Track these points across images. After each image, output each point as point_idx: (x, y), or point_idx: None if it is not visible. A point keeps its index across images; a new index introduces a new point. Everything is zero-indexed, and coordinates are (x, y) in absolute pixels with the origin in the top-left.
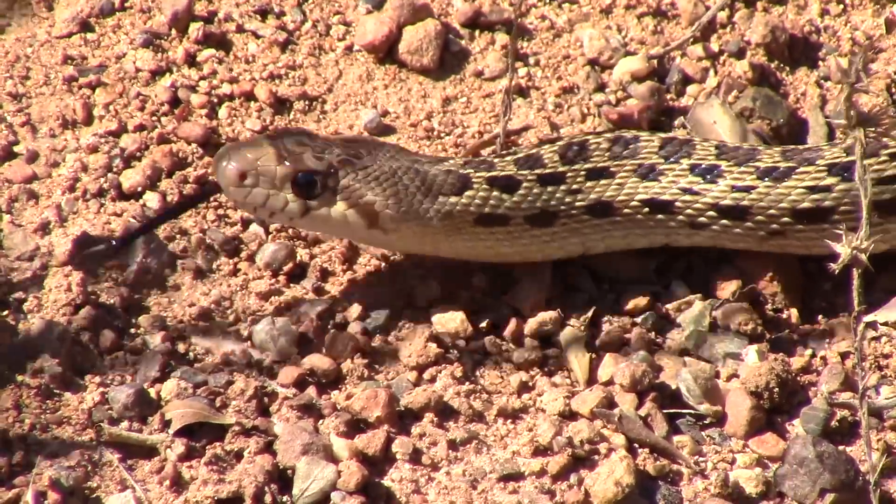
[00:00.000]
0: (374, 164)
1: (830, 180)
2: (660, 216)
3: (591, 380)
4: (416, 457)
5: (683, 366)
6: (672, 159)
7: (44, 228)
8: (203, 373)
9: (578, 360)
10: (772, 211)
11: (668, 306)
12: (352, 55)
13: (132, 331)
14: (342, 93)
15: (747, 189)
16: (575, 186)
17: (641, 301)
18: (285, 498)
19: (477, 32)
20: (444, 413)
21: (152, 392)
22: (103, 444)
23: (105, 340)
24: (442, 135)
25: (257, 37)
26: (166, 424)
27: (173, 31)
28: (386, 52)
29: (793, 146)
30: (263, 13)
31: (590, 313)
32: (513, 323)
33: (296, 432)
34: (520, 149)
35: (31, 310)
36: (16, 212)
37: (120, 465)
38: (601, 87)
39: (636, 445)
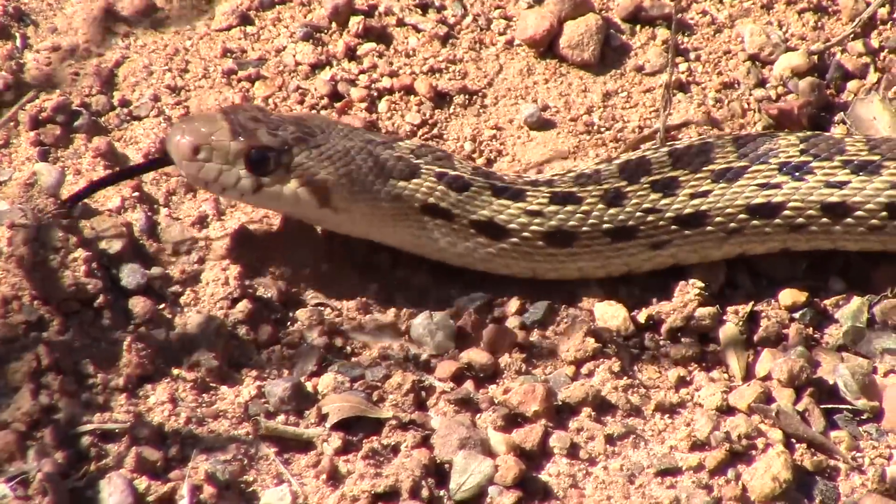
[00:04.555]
0: (328, 142)
1: None
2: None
3: (749, 375)
4: (573, 451)
5: (841, 361)
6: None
7: (201, 222)
8: (360, 367)
9: (736, 356)
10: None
11: (826, 302)
12: (512, 49)
13: (289, 325)
14: (502, 87)
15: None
16: (534, 207)
17: (799, 297)
18: (442, 492)
19: (637, 27)
20: (602, 408)
21: (309, 386)
22: (259, 437)
23: (262, 334)
24: (602, 129)
25: (418, 30)
26: (323, 418)
27: (333, 25)
28: (546, 46)
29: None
30: (424, 7)
31: (748, 308)
32: (670, 318)
33: (453, 426)
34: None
35: (188, 303)
36: (173, 205)
37: (276, 458)
38: (761, 83)
39: (793, 441)
